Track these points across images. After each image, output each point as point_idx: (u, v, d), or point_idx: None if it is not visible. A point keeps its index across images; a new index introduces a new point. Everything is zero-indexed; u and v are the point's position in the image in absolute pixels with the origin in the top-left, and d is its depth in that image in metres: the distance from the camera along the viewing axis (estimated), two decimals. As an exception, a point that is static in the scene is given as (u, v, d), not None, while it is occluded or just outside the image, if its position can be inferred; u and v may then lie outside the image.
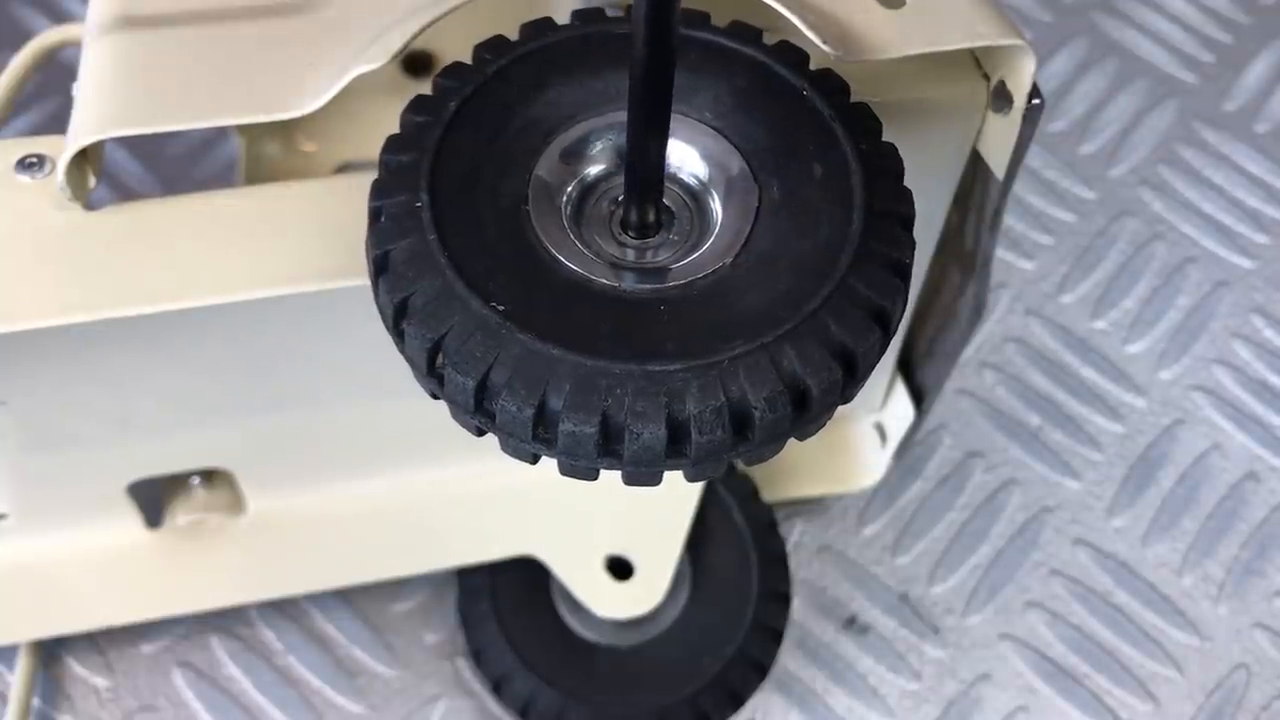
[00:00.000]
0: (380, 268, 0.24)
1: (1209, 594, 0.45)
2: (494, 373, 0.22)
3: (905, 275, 0.25)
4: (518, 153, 0.25)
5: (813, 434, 0.24)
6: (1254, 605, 0.44)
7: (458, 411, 0.23)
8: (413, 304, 0.23)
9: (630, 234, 0.25)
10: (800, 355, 0.23)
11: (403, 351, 0.24)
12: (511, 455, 0.24)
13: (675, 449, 0.22)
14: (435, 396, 0.24)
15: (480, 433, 0.24)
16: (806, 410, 0.23)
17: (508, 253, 0.24)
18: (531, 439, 0.23)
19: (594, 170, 0.26)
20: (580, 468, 0.23)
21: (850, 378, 0.23)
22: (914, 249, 0.25)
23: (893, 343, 0.40)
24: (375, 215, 0.25)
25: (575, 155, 0.26)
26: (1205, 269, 0.52)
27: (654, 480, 0.23)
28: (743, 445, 0.23)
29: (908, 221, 0.25)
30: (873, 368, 0.24)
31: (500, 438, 0.23)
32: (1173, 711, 0.42)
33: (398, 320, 0.23)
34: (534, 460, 0.24)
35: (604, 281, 0.24)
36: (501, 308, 0.23)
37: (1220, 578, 0.45)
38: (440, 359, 0.23)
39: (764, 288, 0.24)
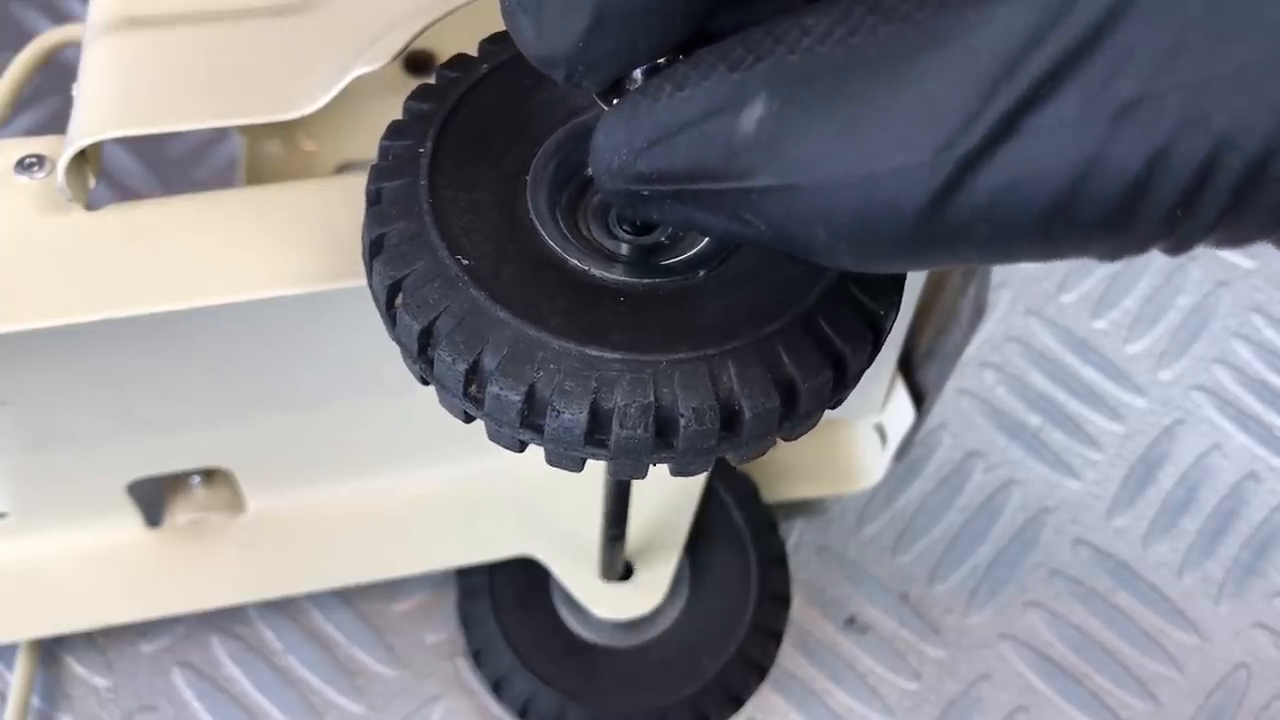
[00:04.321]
0: (371, 203, 0.24)
1: (1209, 594, 0.45)
2: (440, 321, 0.23)
3: (878, 329, 0.24)
4: (534, 126, 0.26)
5: (748, 458, 0.23)
6: (1254, 605, 0.44)
7: (405, 354, 0.24)
8: (387, 241, 0.24)
9: (624, 227, 0.25)
10: (741, 375, 0.22)
11: (370, 286, 0.24)
12: (446, 409, 0.24)
13: (595, 437, 0.22)
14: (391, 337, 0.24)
15: (424, 381, 0.24)
16: (736, 431, 0.22)
17: (492, 214, 0.24)
18: (463, 395, 0.23)
19: None
20: (504, 435, 0.23)
21: (790, 410, 0.23)
22: (897, 307, 0.24)
23: (893, 343, 0.40)
24: (383, 154, 0.25)
25: (590, 139, 0.26)
26: (1205, 268, 0.52)
27: (576, 466, 0.23)
28: (665, 451, 0.22)
29: (899, 278, 0.24)
30: (820, 408, 0.23)
31: (437, 390, 0.23)
32: (1173, 711, 0.42)
33: (372, 256, 0.24)
34: (467, 420, 0.24)
35: (575, 263, 0.24)
36: (466, 262, 0.23)
37: (1220, 578, 0.45)
38: (399, 299, 0.23)
39: (729, 303, 0.23)
